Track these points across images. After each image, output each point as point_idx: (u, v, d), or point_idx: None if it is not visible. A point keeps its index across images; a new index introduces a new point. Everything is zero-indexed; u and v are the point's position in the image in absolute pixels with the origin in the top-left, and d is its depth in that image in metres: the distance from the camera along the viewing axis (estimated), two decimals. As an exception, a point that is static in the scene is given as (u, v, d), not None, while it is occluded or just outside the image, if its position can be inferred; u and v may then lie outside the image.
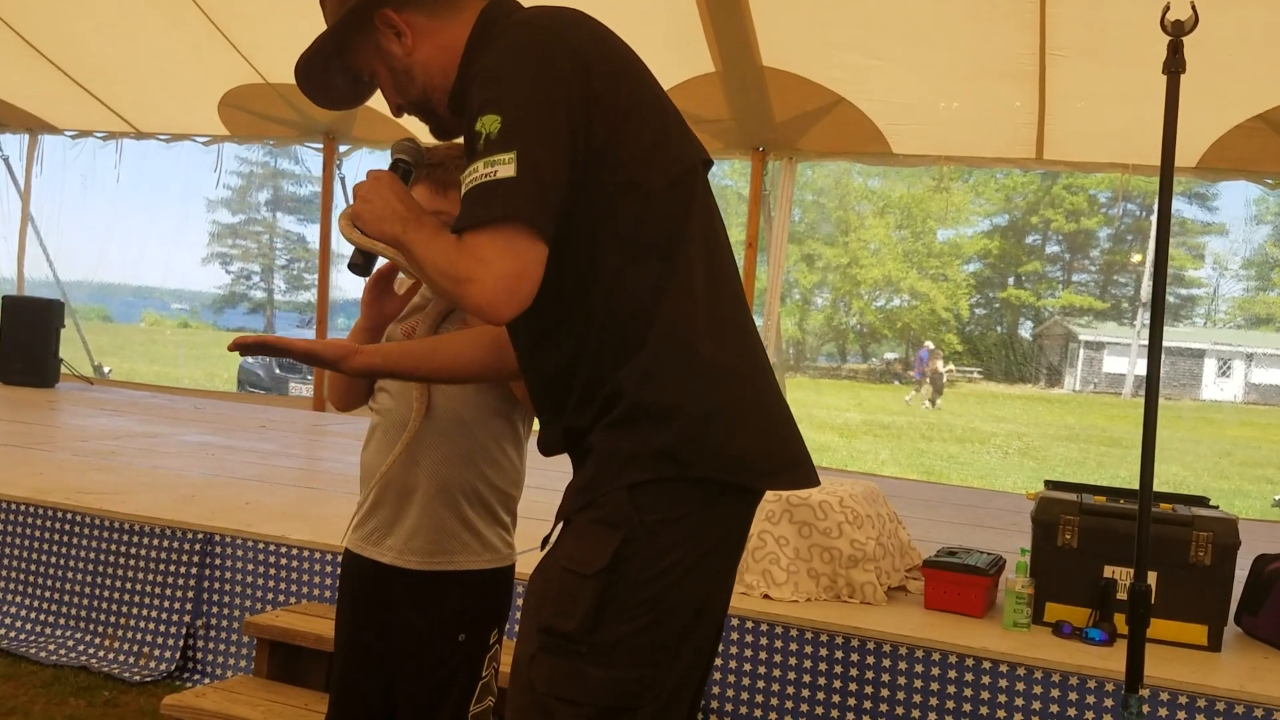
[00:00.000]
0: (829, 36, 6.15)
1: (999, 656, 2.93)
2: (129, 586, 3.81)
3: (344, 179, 8.55)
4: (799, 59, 6.38)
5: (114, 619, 3.81)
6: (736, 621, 3.15)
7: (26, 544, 3.96)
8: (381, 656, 2.08)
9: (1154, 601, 3.04)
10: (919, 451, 15.92)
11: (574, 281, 1.51)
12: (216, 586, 3.73)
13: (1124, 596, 2.70)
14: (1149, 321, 2.43)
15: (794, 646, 3.10)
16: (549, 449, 1.65)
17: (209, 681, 3.59)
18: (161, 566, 3.77)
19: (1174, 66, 2.33)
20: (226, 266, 48.95)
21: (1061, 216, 41.62)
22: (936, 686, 2.98)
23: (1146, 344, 2.46)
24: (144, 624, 3.76)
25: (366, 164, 8.87)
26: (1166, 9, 2.37)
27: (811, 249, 40.94)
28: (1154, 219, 2.83)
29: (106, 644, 3.79)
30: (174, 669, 3.66)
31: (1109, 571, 3.16)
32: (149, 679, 3.62)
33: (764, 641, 3.13)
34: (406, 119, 1.80)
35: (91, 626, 3.83)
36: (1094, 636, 3.06)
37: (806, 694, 3.09)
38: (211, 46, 7.43)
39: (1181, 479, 14.63)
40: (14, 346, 8.45)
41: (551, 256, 1.47)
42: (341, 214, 1.62)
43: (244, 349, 1.67)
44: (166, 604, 3.75)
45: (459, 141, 2.01)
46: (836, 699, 3.06)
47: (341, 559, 2.17)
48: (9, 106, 9.10)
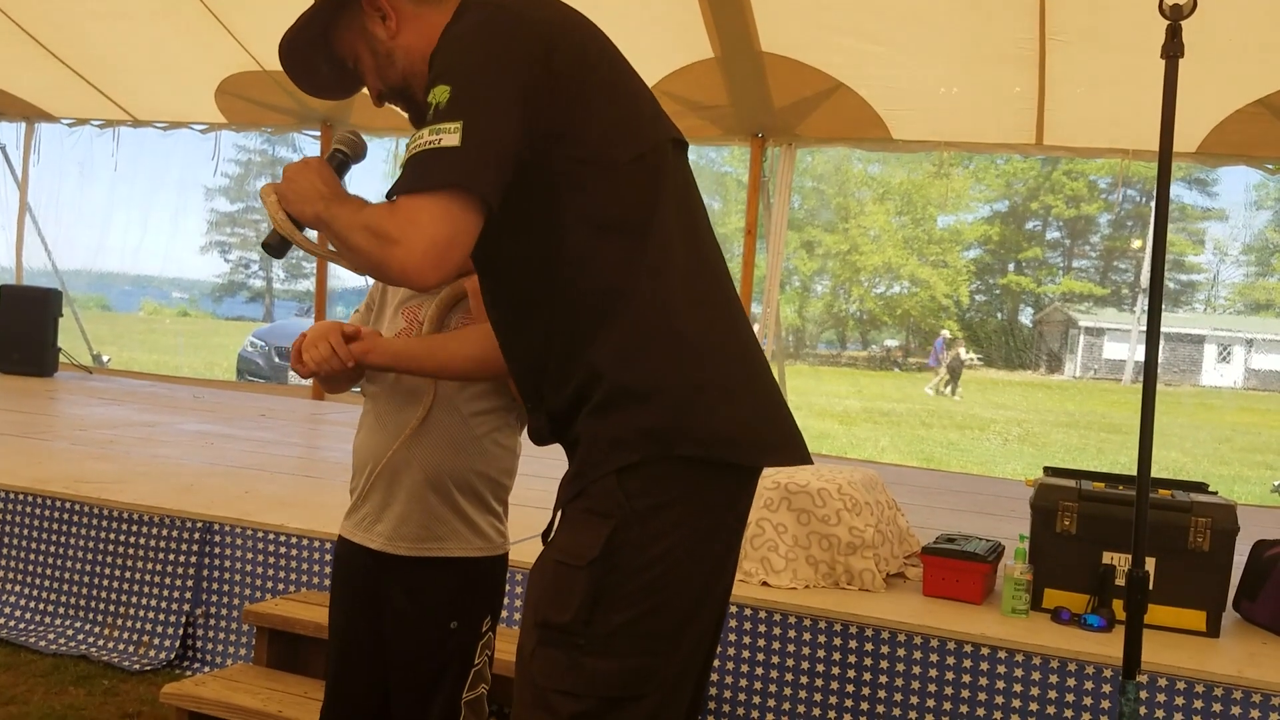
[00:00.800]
0: (828, 21, 6.13)
1: (997, 643, 2.94)
2: (128, 575, 3.81)
3: (341, 166, 8.54)
4: (798, 44, 6.36)
5: (113, 608, 3.81)
6: (735, 609, 3.15)
7: (25, 533, 3.96)
8: (374, 643, 2.08)
9: (1152, 587, 3.05)
10: (919, 438, 15.92)
11: (542, 260, 1.50)
12: (215, 575, 3.73)
13: (1123, 582, 2.70)
14: (1149, 307, 2.42)
15: (792, 634, 3.10)
16: (539, 438, 1.64)
17: (208, 670, 3.60)
18: (160, 555, 3.77)
19: (1172, 51, 2.32)
20: (225, 255, 48.89)
21: (1062, 202, 41.57)
22: (935, 673, 2.98)
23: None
24: (143, 613, 3.77)
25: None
26: (1165, -7, 2.35)
27: (811, 236, 40.89)
28: (1154, 204, 2.81)
29: (106, 633, 3.79)
30: (173, 658, 3.67)
31: (1108, 557, 3.16)
32: (148, 668, 3.63)
33: (762, 629, 3.13)
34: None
35: (91, 615, 3.84)
36: (1092, 622, 3.06)
37: (805, 681, 3.09)
38: (208, 34, 7.40)
39: (1181, 465, 14.64)
40: (12, 336, 8.44)
41: (519, 235, 1.48)
42: (264, 187, 1.58)
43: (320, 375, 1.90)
44: (166, 593, 3.75)
45: None
46: (835, 686, 3.06)
47: (335, 547, 2.17)
48: (5, 95, 9.07)
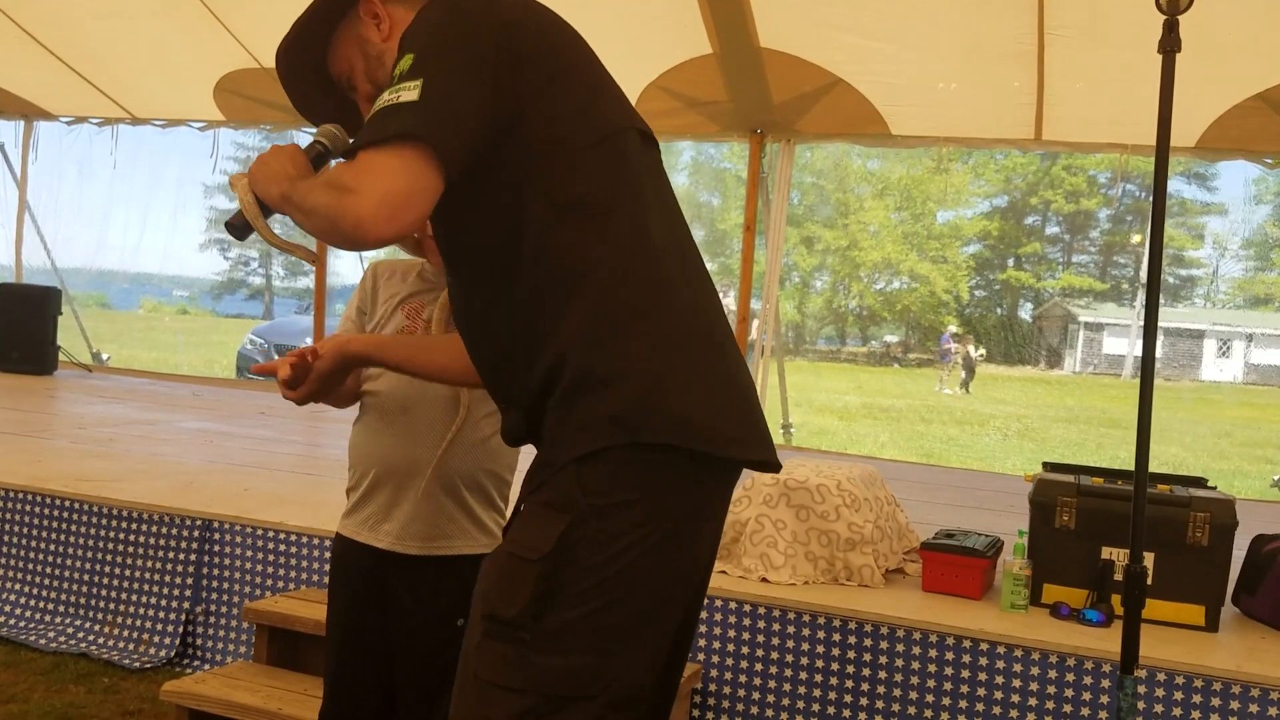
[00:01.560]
0: (826, 17, 6.12)
1: (996, 638, 2.94)
2: (128, 573, 3.81)
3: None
4: (797, 40, 6.36)
5: (113, 606, 3.82)
6: (734, 605, 3.16)
7: (25, 531, 3.96)
8: (377, 642, 2.08)
9: (1151, 582, 3.06)
10: (918, 434, 15.91)
11: (505, 244, 1.48)
12: (215, 573, 3.73)
13: (1122, 578, 2.70)
14: (1146, 301, 2.42)
15: (792, 629, 3.10)
16: (512, 438, 1.59)
17: (208, 668, 3.60)
18: (160, 553, 3.77)
19: (1169, 45, 2.32)
20: (224, 253, 48.90)
21: (1061, 197, 41.57)
22: (934, 668, 2.98)
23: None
24: (143, 611, 3.77)
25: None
26: (1163, -13, 2.35)
27: (810, 231, 40.90)
28: (1152, 199, 2.79)
29: (106, 631, 3.79)
30: (173, 655, 3.67)
31: (1107, 553, 3.16)
32: (148, 665, 3.63)
33: (762, 624, 3.13)
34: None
35: (91, 614, 3.84)
36: (1091, 618, 3.06)
37: (804, 676, 3.09)
38: (206, 31, 7.39)
39: (1181, 460, 14.64)
40: (12, 334, 8.44)
41: (483, 221, 1.48)
42: (234, 175, 1.58)
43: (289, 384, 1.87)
44: (165, 590, 3.75)
45: None
46: (834, 681, 3.07)
47: (333, 545, 2.17)
48: (3, 93, 9.06)
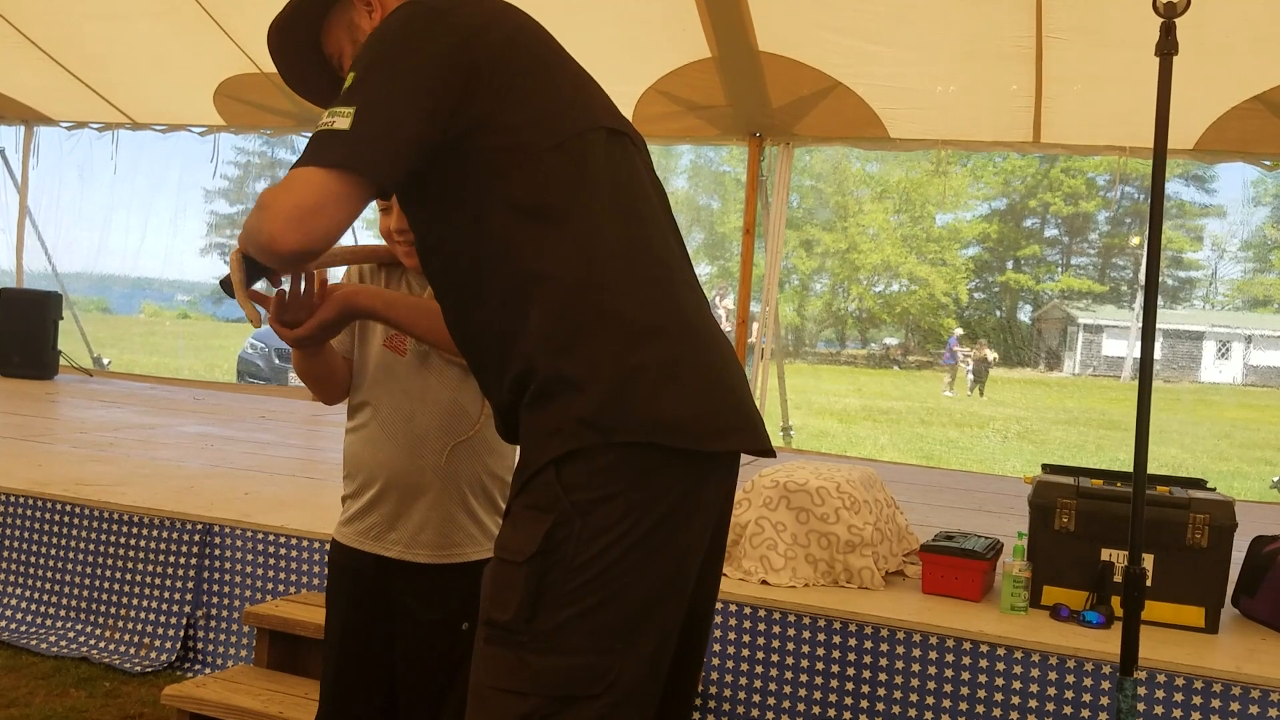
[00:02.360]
0: (825, 20, 6.13)
1: (996, 640, 2.94)
2: (129, 577, 3.81)
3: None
4: (795, 43, 6.37)
5: (114, 610, 3.82)
6: (734, 607, 3.16)
7: (26, 536, 3.97)
8: (378, 649, 2.07)
9: (1151, 584, 3.06)
10: (918, 436, 15.92)
11: (472, 251, 1.51)
12: (216, 577, 3.74)
13: (1121, 579, 2.70)
14: (1144, 303, 2.43)
15: (791, 632, 3.11)
16: (501, 435, 1.62)
17: (209, 671, 3.61)
18: (161, 557, 3.78)
19: (1166, 48, 2.32)
20: (225, 257, 48.89)
21: (1060, 200, 41.62)
22: (934, 670, 2.99)
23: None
24: (144, 615, 3.77)
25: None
26: (1160, -9, 2.36)
27: (810, 235, 40.94)
28: (1149, 202, 2.80)
29: (107, 635, 3.80)
30: (174, 659, 3.67)
31: (1106, 554, 3.16)
32: (149, 669, 3.63)
33: (762, 627, 3.13)
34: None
35: (92, 618, 3.84)
36: (1091, 619, 3.06)
37: (805, 679, 3.09)
38: (206, 36, 7.40)
39: (1180, 461, 14.65)
40: (12, 339, 8.44)
41: (452, 228, 1.51)
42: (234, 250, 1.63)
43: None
44: (166, 594, 3.76)
45: None
46: (834, 684, 3.07)
47: (330, 554, 2.15)
48: (4, 98, 9.07)
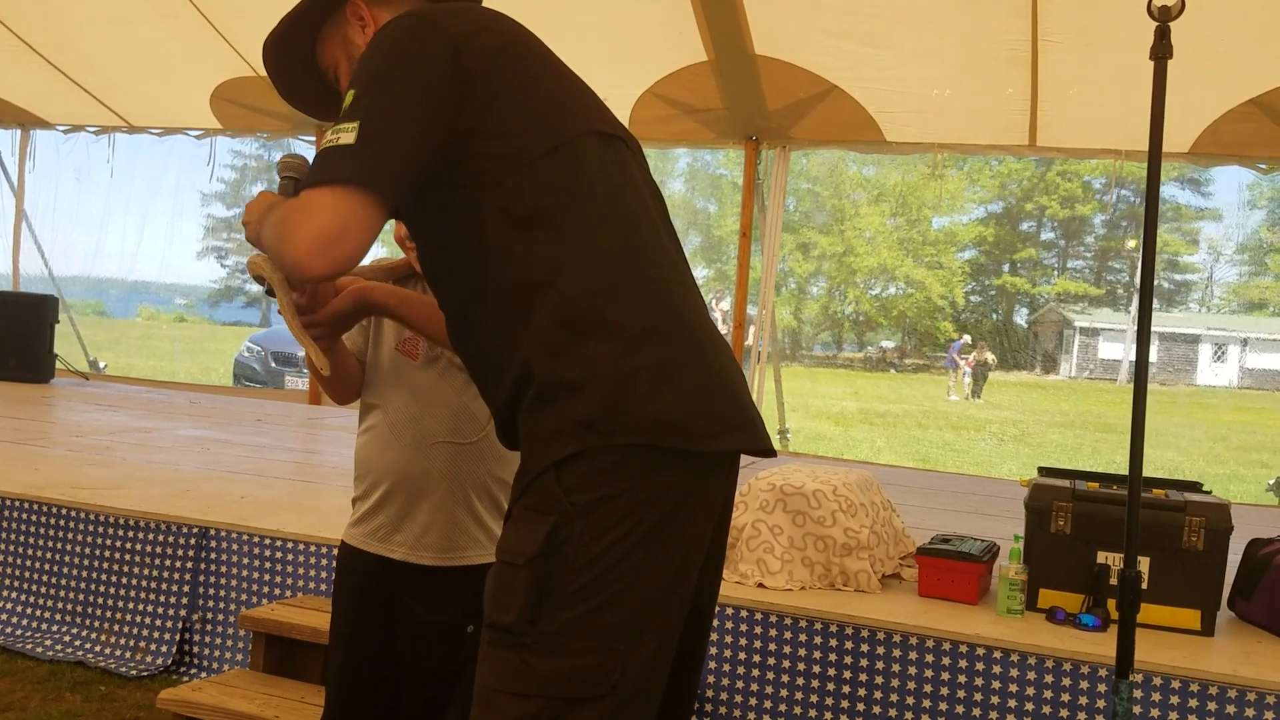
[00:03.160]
0: (821, 24, 6.14)
1: (992, 643, 2.94)
2: (125, 581, 3.81)
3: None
4: (791, 47, 6.38)
5: (110, 614, 3.81)
6: (731, 610, 3.16)
7: (22, 540, 3.96)
8: (386, 651, 2.08)
9: (1147, 587, 3.07)
10: (915, 439, 15.93)
11: (468, 257, 1.52)
12: (212, 580, 3.73)
13: (1117, 582, 2.70)
14: (1139, 306, 2.43)
15: (788, 635, 3.11)
16: (501, 441, 1.63)
17: (205, 676, 3.60)
18: (157, 561, 3.77)
19: (1161, 52, 2.33)
20: (222, 260, 48.93)
21: (1056, 203, 41.68)
22: (930, 673, 2.99)
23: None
24: (140, 619, 3.77)
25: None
26: (1154, -6, 2.37)
27: (806, 238, 40.98)
28: (1144, 205, 2.82)
29: (103, 639, 3.79)
30: (170, 663, 3.67)
31: (1102, 557, 3.17)
32: (145, 673, 3.63)
33: (758, 630, 3.13)
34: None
35: (87, 622, 3.84)
36: (1087, 622, 3.07)
37: (801, 682, 3.09)
38: (203, 40, 7.41)
39: (1177, 464, 14.67)
40: (9, 342, 8.44)
41: (449, 236, 1.52)
42: (250, 259, 1.72)
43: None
44: (162, 598, 3.75)
45: None
46: (831, 687, 3.07)
47: (339, 555, 2.17)
48: (0, 102, 9.07)
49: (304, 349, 1.77)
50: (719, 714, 3.16)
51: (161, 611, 3.74)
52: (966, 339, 32.74)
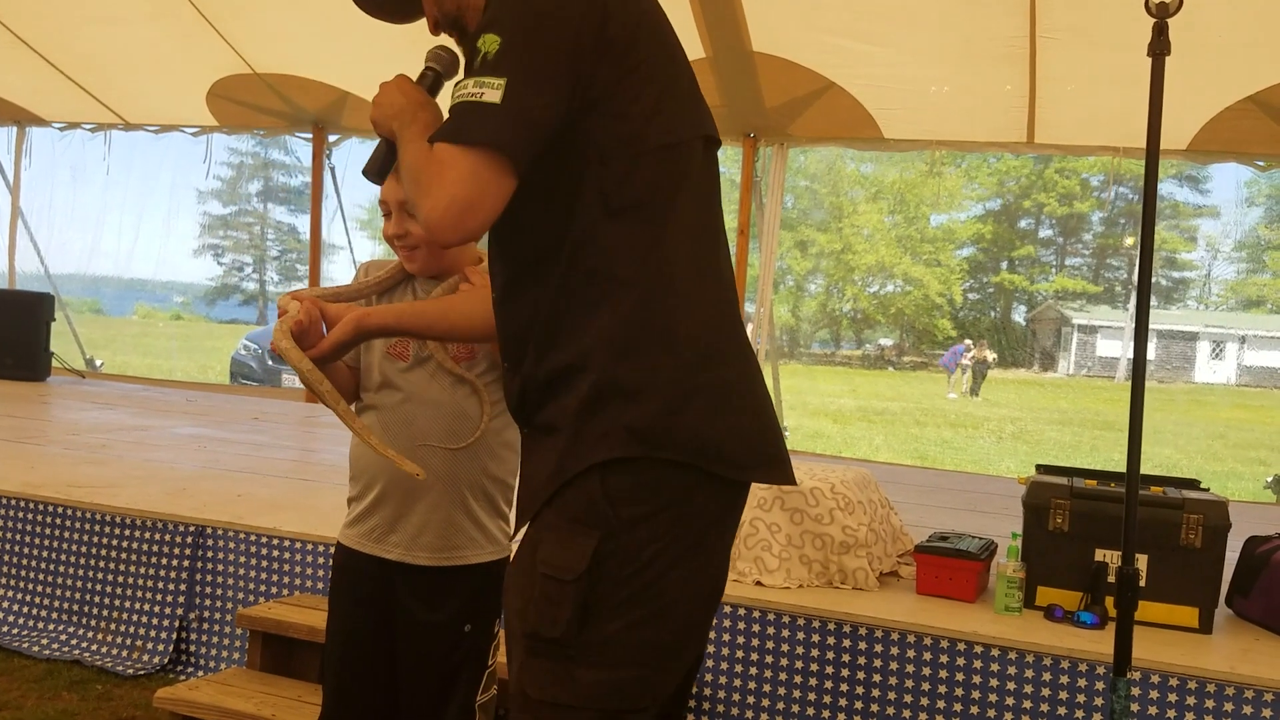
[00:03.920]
0: (819, 21, 6.13)
1: (990, 641, 2.94)
2: (121, 580, 3.80)
3: (334, 168, 8.55)
4: (789, 44, 6.37)
5: (106, 613, 3.81)
6: (729, 609, 3.16)
7: (18, 538, 3.95)
8: (383, 651, 2.09)
9: (1145, 584, 3.06)
10: (913, 437, 15.94)
11: (546, 228, 1.47)
12: (209, 579, 3.72)
13: (1115, 580, 2.70)
14: (1137, 304, 2.43)
15: (786, 633, 3.10)
16: (510, 401, 1.60)
17: (202, 674, 3.59)
18: (153, 560, 3.76)
19: (1159, 49, 2.32)
20: (219, 258, 48.91)
21: (1054, 200, 41.71)
22: (928, 671, 2.98)
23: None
24: (136, 617, 3.76)
25: (356, 153, 8.83)
26: (1152, -9, 2.36)
27: (804, 235, 40.99)
28: (1142, 202, 2.82)
29: (99, 638, 3.78)
30: (167, 662, 3.66)
31: (1100, 555, 3.16)
32: (142, 672, 3.62)
33: (756, 628, 3.13)
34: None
35: (84, 620, 3.83)
36: (1085, 620, 3.06)
37: (799, 680, 3.09)
38: (199, 37, 7.39)
39: (1175, 462, 14.67)
40: (5, 340, 8.42)
41: (535, 200, 1.46)
42: (278, 324, 1.76)
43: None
44: (159, 597, 3.74)
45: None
46: (829, 685, 3.07)
47: (334, 555, 2.17)
48: (-4, 99, 9.06)
49: (355, 434, 1.84)
50: (716, 712, 3.16)
51: (158, 610, 3.73)
52: (969, 344, 32.72)
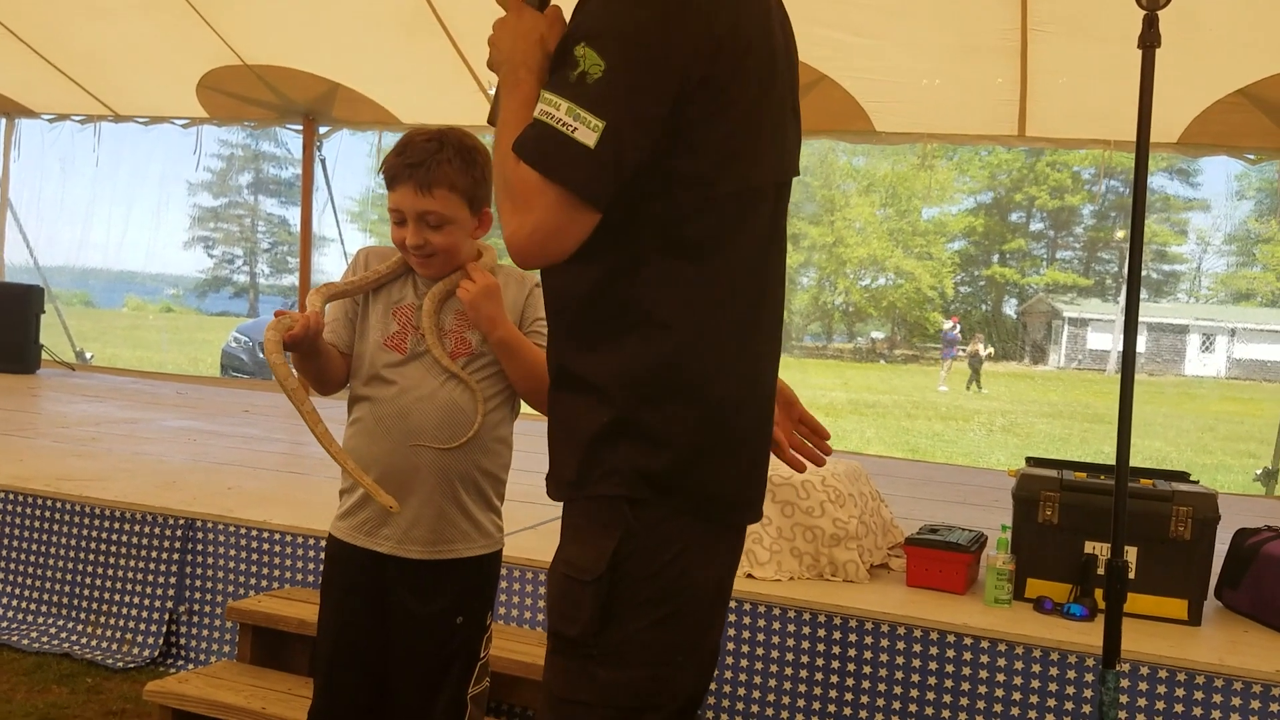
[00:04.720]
0: (810, 14, 6.11)
1: (980, 633, 2.95)
2: (111, 573, 3.79)
3: (324, 160, 8.52)
4: (781, 37, 6.35)
5: (96, 606, 3.80)
6: (720, 601, 3.16)
7: (7, 531, 3.94)
8: (374, 643, 2.09)
9: (1134, 576, 3.08)
10: (904, 430, 15.96)
11: (595, 241, 1.41)
12: (199, 572, 3.72)
13: (1104, 572, 2.71)
14: (1127, 297, 2.43)
15: (777, 625, 3.11)
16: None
17: (192, 667, 3.59)
18: (143, 553, 3.75)
19: (1149, 41, 2.32)
20: (209, 250, 48.82)
21: (1045, 193, 41.80)
22: (918, 663, 2.99)
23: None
24: (126, 610, 3.75)
25: (347, 145, 8.82)
26: (1142, -17, 2.36)
27: (796, 228, 40.99)
28: (1132, 195, 2.82)
29: (89, 631, 3.77)
30: (157, 655, 3.65)
31: (1090, 547, 3.17)
32: (131, 665, 3.61)
33: (747, 620, 3.13)
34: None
35: (74, 614, 3.82)
36: (1075, 612, 3.07)
37: (790, 672, 3.09)
38: (189, 28, 7.34)
39: (1165, 454, 14.71)
40: (-7, 333, 8.39)
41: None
42: (269, 326, 1.88)
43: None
44: (148, 590, 3.73)
45: (440, 135, 2.01)
46: (819, 677, 3.07)
47: (326, 548, 2.17)
48: (-16, 90, 9.01)
49: (332, 456, 1.94)
50: (706, 704, 3.17)
51: (148, 603, 3.73)
52: (956, 320, 32.78)
